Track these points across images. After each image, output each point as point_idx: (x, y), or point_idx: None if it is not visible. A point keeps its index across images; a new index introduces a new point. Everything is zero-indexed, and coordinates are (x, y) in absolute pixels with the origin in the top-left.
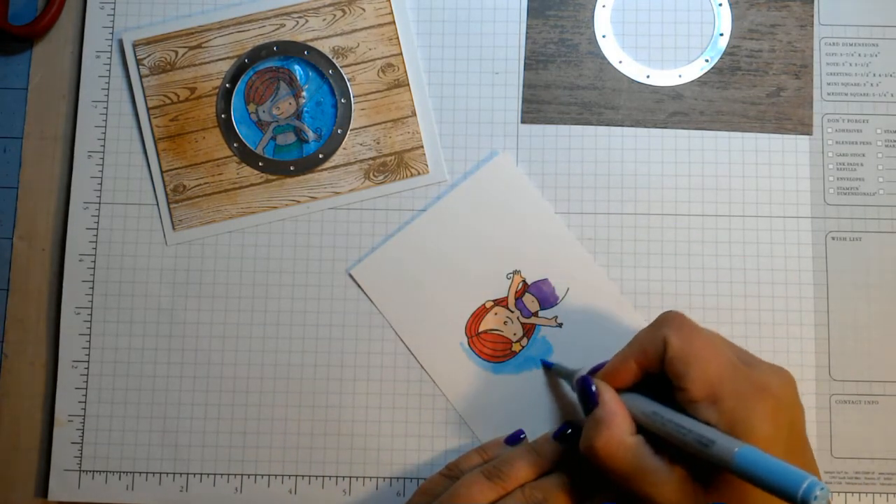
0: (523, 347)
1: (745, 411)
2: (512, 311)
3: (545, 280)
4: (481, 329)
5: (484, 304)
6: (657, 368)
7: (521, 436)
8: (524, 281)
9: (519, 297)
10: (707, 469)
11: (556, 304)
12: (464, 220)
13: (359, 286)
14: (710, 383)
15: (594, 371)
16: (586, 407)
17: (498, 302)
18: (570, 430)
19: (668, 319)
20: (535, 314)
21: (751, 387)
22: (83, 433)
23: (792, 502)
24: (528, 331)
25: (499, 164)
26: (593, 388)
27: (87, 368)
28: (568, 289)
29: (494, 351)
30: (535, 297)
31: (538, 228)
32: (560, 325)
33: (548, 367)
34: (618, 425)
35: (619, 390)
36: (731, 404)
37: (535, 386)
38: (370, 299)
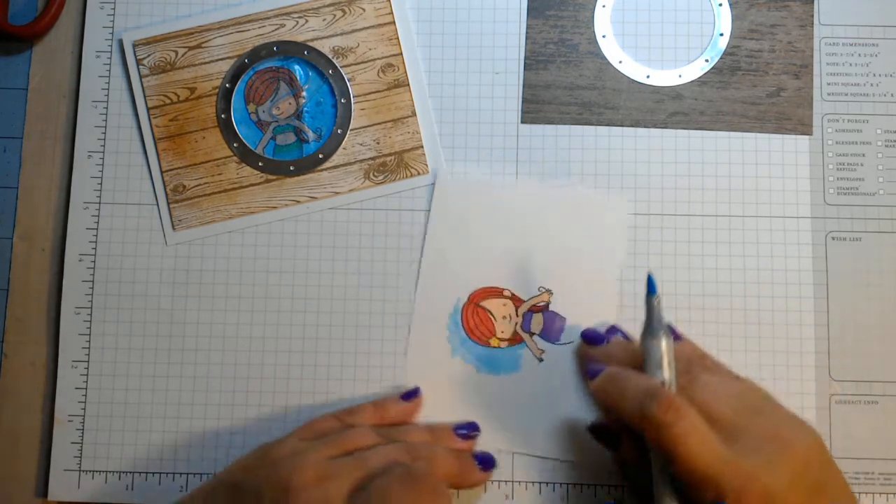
0: (499, 349)
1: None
2: (517, 315)
3: (564, 319)
4: (482, 302)
5: (502, 290)
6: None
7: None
8: (548, 303)
9: (532, 311)
10: None
11: (554, 343)
12: (531, 213)
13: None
14: (699, 480)
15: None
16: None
17: (514, 298)
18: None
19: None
20: (531, 335)
21: (740, 479)
22: (83, 433)
23: None
24: (514, 339)
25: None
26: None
27: (87, 368)
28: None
29: (477, 328)
30: (542, 322)
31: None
32: (541, 361)
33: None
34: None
35: None
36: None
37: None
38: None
